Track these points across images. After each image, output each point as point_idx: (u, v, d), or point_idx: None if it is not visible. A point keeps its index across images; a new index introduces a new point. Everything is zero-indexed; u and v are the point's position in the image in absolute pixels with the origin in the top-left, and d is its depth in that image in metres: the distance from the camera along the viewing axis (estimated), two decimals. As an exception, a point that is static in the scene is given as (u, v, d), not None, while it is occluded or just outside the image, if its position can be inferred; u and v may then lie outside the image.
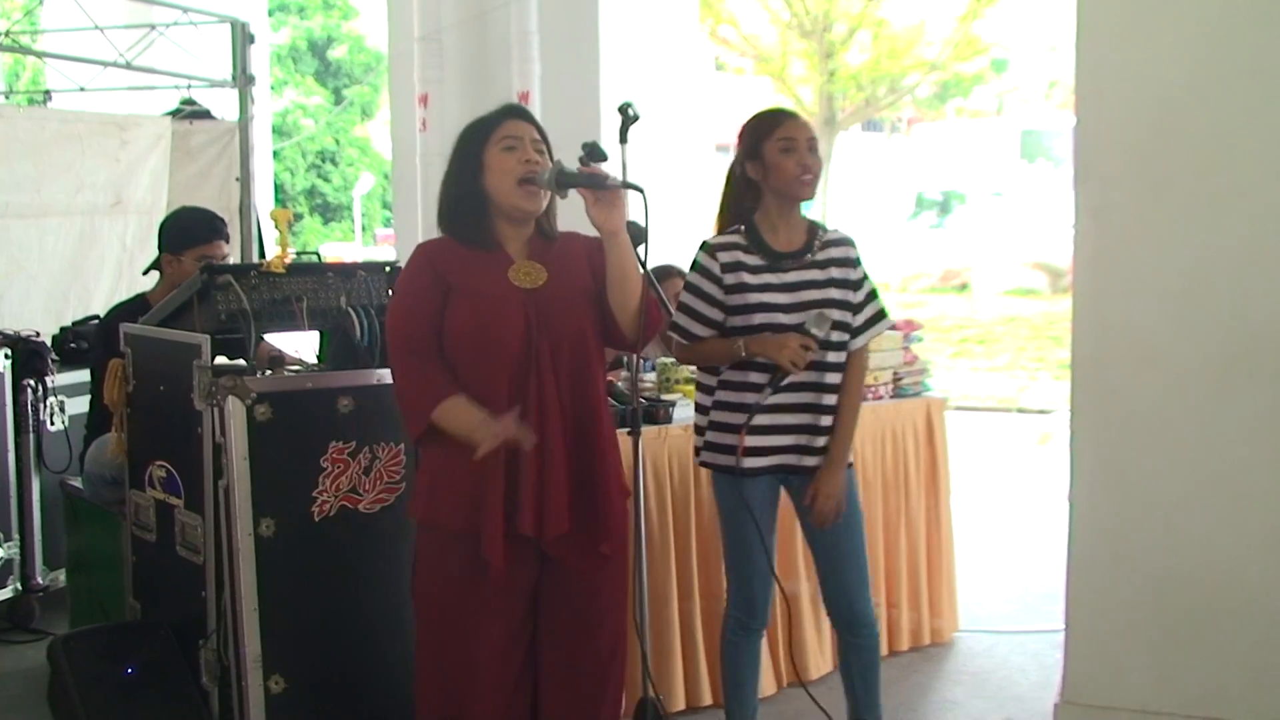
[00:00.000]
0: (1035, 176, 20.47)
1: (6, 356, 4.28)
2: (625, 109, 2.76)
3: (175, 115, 5.96)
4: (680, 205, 5.25)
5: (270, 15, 13.90)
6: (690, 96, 6.03)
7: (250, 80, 5.81)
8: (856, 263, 2.97)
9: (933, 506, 4.19)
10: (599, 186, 2.50)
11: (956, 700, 3.80)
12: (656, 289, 2.74)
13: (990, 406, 10.70)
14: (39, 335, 4.44)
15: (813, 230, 2.97)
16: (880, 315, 3.02)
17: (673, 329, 2.96)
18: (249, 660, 2.87)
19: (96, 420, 3.84)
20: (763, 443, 2.90)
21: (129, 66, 5.61)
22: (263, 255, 5.75)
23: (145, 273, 4.24)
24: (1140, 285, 3.27)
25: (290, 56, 21.31)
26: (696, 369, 3.08)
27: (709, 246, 2.92)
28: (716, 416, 2.94)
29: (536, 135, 2.61)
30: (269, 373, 3.02)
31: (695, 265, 2.94)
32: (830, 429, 2.93)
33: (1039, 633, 4.31)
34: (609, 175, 2.53)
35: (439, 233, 2.66)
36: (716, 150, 6.77)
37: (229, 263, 3.91)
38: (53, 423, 4.37)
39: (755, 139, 2.91)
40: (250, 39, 5.80)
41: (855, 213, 18.17)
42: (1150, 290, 3.26)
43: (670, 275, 4.21)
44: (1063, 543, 3.40)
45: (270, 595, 2.89)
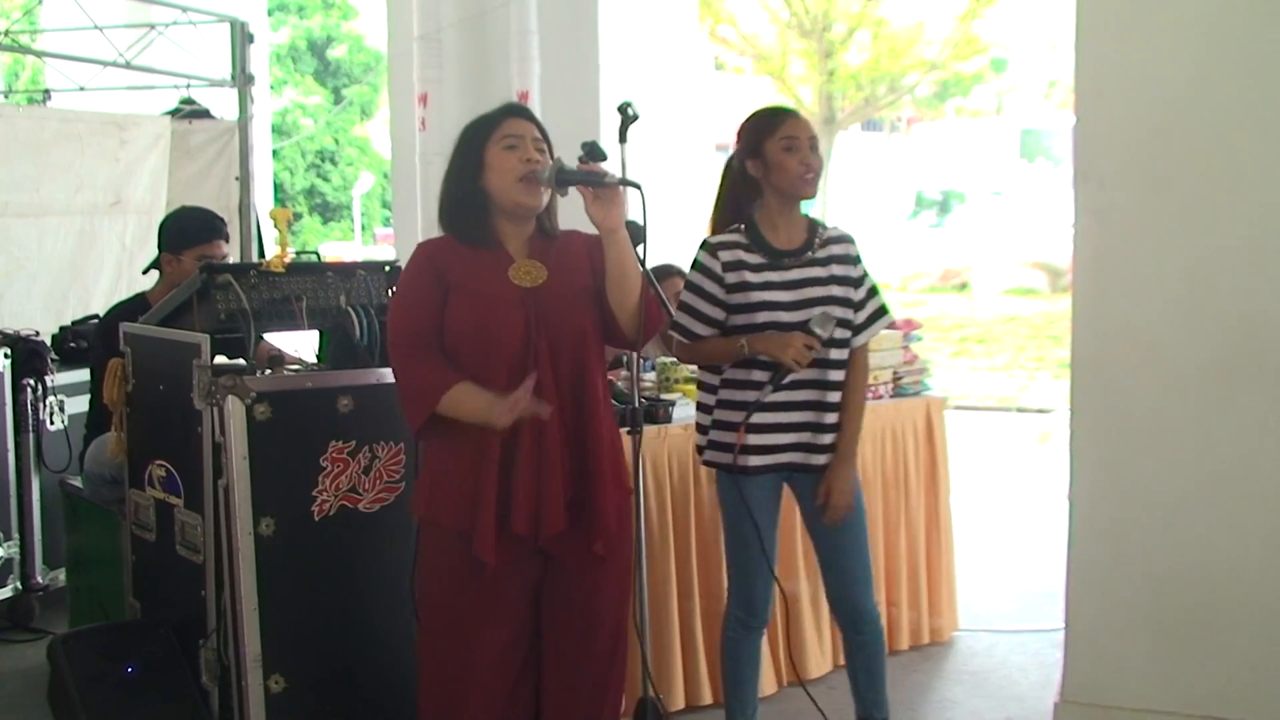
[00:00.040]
0: (1035, 176, 20.47)
1: (6, 356, 4.28)
2: (625, 108, 2.76)
3: (175, 115, 5.96)
4: (680, 204, 5.25)
5: (270, 15, 13.88)
6: (690, 96, 6.02)
7: (250, 80, 5.81)
8: (857, 260, 2.97)
9: (933, 506, 4.19)
10: (597, 184, 2.50)
11: (956, 699, 3.80)
12: (656, 288, 2.74)
13: (990, 406, 10.70)
14: (39, 334, 4.44)
15: (813, 228, 2.97)
16: (881, 311, 3.02)
17: (674, 328, 2.95)
18: (249, 659, 2.87)
19: (96, 419, 3.84)
20: (768, 441, 2.89)
21: (128, 66, 5.61)
22: (262, 255, 5.75)
23: (145, 272, 4.24)
24: (1140, 285, 3.27)
25: (290, 56, 21.31)
26: (698, 368, 3.07)
27: (710, 245, 2.92)
28: (720, 415, 2.94)
29: (538, 134, 2.61)
30: (269, 372, 3.02)
31: (696, 264, 2.93)
32: (835, 426, 2.93)
33: (1039, 632, 4.31)
34: (607, 173, 2.54)
35: (439, 231, 2.66)
36: (716, 150, 6.76)
37: (228, 262, 3.91)
38: (52, 422, 4.37)
39: (757, 137, 2.91)
40: (250, 38, 5.80)
41: (855, 212, 18.17)
42: (1150, 290, 3.26)
43: (670, 274, 4.21)
44: (1063, 542, 3.40)
45: (270, 595, 2.89)
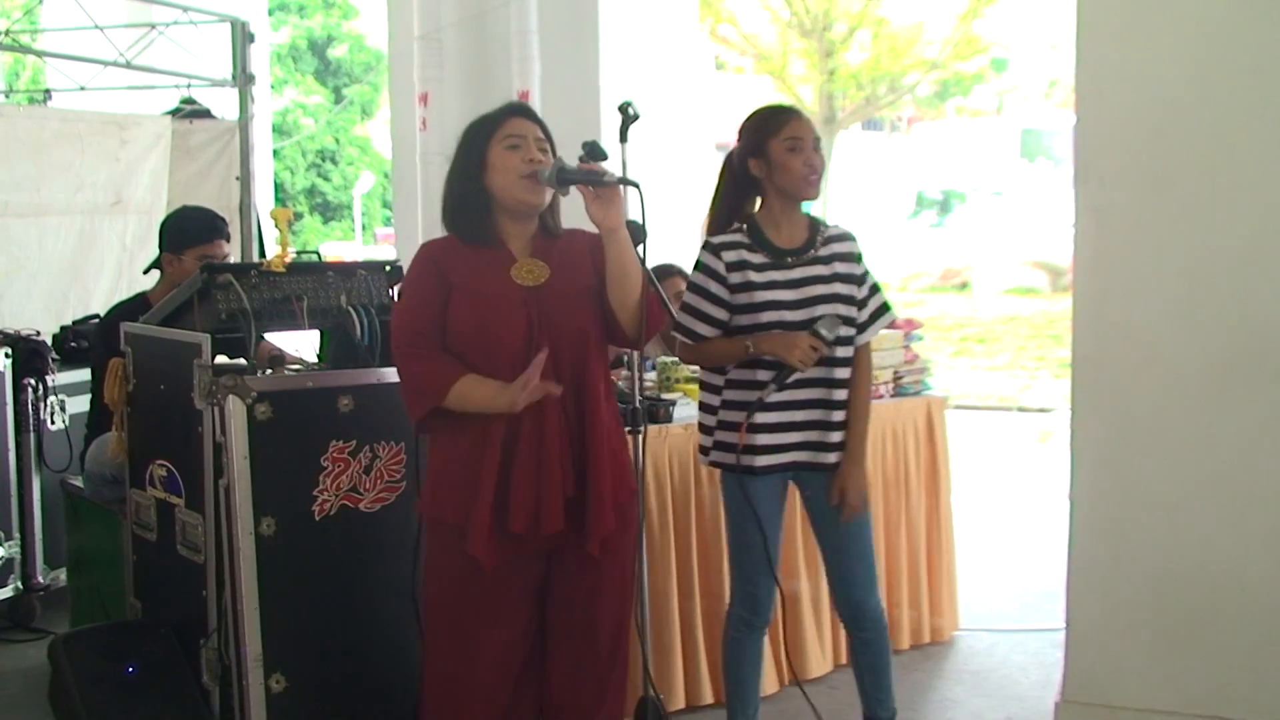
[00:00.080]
0: (1035, 175, 20.49)
1: (7, 355, 4.28)
2: (625, 108, 2.76)
3: (175, 114, 5.96)
4: (680, 204, 5.25)
5: (270, 14, 13.89)
6: (690, 95, 6.02)
7: (250, 79, 5.81)
8: (859, 258, 2.98)
9: (933, 505, 4.19)
10: (597, 183, 2.50)
11: (956, 699, 3.80)
12: (656, 287, 2.74)
13: (990, 405, 10.71)
14: (39, 334, 4.44)
15: (814, 226, 2.97)
16: (884, 309, 3.03)
17: (677, 329, 2.95)
18: (250, 659, 2.87)
19: (97, 419, 3.85)
20: (775, 441, 2.89)
21: (129, 66, 5.61)
22: (263, 254, 5.75)
23: (146, 272, 4.24)
24: (1141, 284, 3.27)
25: (290, 55, 21.32)
26: (701, 369, 3.07)
27: (713, 246, 2.91)
28: (725, 416, 2.93)
29: (540, 134, 2.61)
30: (269, 372, 3.02)
31: (699, 265, 2.93)
32: (842, 424, 2.93)
33: (1039, 631, 4.31)
34: (607, 172, 2.54)
35: (441, 231, 2.66)
36: (716, 149, 6.76)
37: (229, 262, 3.91)
38: (53, 422, 4.37)
39: (760, 136, 2.90)
40: (250, 38, 5.80)
41: (855, 211, 18.17)
42: (1151, 289, 3.26)
43: (670, 274, 4.22)
44: (1063, 542, 3.40)
45: (271, 594, 2.89)
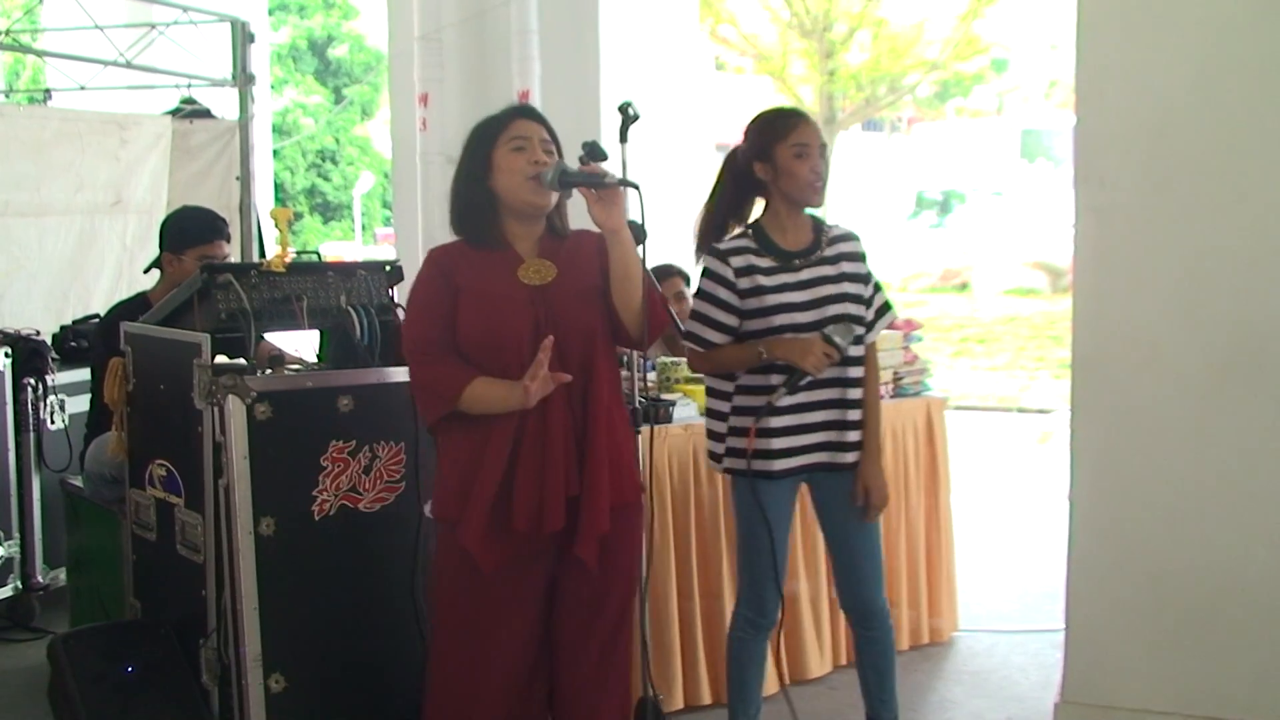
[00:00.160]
0: (1035, 176, 20.49)
1: (7, 355, 4.29)
2: (625, 108, 2.76)
3: (175, 114, 5.96)
4: (680, 204, 5.25)
5: (270, 14, 13.88)
6: (690, 96, 6.02)
7: (250, 79, 5.81)
8: (863, 257, 2.98)
9: (933, 506, 4.19)
10: (597, 185, 2.51)
11: (956, 699, 3.80)
12: (657, 289, 2.74)
13: (990, 406, 10.71)
14: (39, 334, 4.44)
15: (818, 227, 2.97)
16: (887, 307, 3.03)
17: (687, 338, 2.94)
18: (249, 659, 2.87)
19: (97, 419, 3.84)
20: (792, 443, 2.89)
21: (129, 65, 5.61)
22: (263, 254, 5.75)
23: (146, 271, 4.24)
24: (1141, 285, 3.27)
25: (290, 56, 21.32)
26: (707, 375, 3.06)
27: (720, 252, 2.90)
28: (736, 422, 2.92)
29: (545, 135, 2.61)
30: (269, 372, 3.02)
31: (707, 272, 2.91)
32: (858, 423, 2.93)
33: (1039, 632, 4.31)
34: (608, 173, 2.54)
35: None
36: (716, 150, 6.76)
37: (229, 262, 3.91)
38: (53, 421, 4.37)
39: (767, 140, 2.89)
40: (250, 38, 5.80)
41: (856, 212, 18.16)
42: (1151, 290, 3.26)
43: (670, 274, 4.22)
44: (1063, 542, 3.40)
45: (270, 594, 2.89)
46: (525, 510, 2.50)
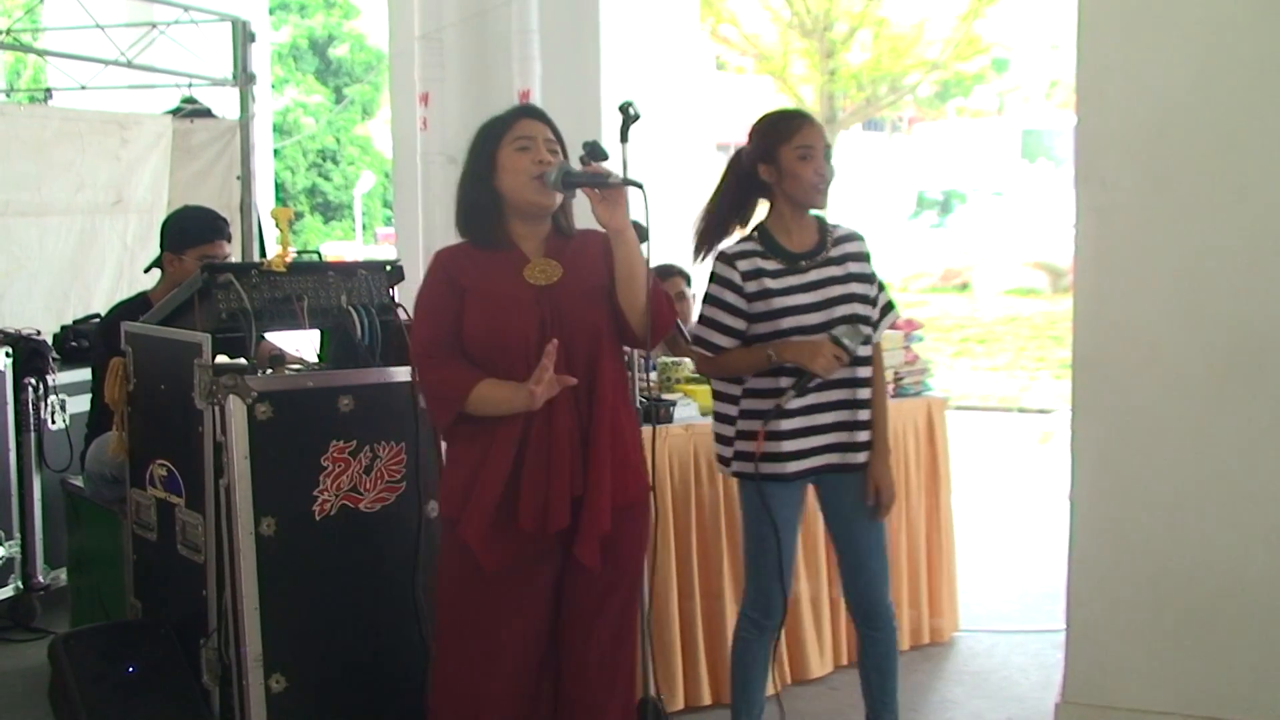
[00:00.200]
0: (1036, 176, 20.48)
1: (7, 355, 4.29)
2: (626, 108, 2.75)
3: (176, 114, 5.96)
4: (681, 204, 5.24)
5: (271, 14, 13.87)
6: (690, 96, 6.01)
7: (251, 79, 5.81)
8: (868, 257, 2.97)
9: (933, 506, 4.19)
10: (601, 185, 2.51)
11: (956, 700, 3.80)
12: (662, 288, 2.73)
13: (991, 406, 10.72)
14: (40, 334, 4.44)
15: (823, 228, 2.97)
16: (890, 306, 3.04)
17: (696, 342, 2.94)
18: (250, 659, 2.87)
19: (97, 419, 3.85)
20: (803, 445, 2.88)
21: (130, 65, 5.60)
22: (263, 254, 5.75)
23: (146, 271, 4.24)
24: (1141, 284, 3.27)
25: (291, 55, 21.32)
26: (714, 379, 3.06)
27: (727, 256, 2.90)
28: (744, 425, 2.91)
29: (550, 135, 2.61)
30: (270, 372, 3.02)
31: (714, 277, 2.91)
32: (868, 423, 2.94)
33: (1039, 632, 4.31)
34: (611, 173, 2.54)
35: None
36: (717, 150, 6.76)
37: (230, 262, 3.91)
38: (54, 421, 4.37)
39: (772, 142, 2.89)
40: (251, 37, 5.80)
41: (856, 212, 18.16)
42: (1151, 289, 3.26)
43: (670, 274, 4.22)
44: (1063, 542, 3.40)
45: (271, 594, 2.89)
46: (531, 509, 2.50)
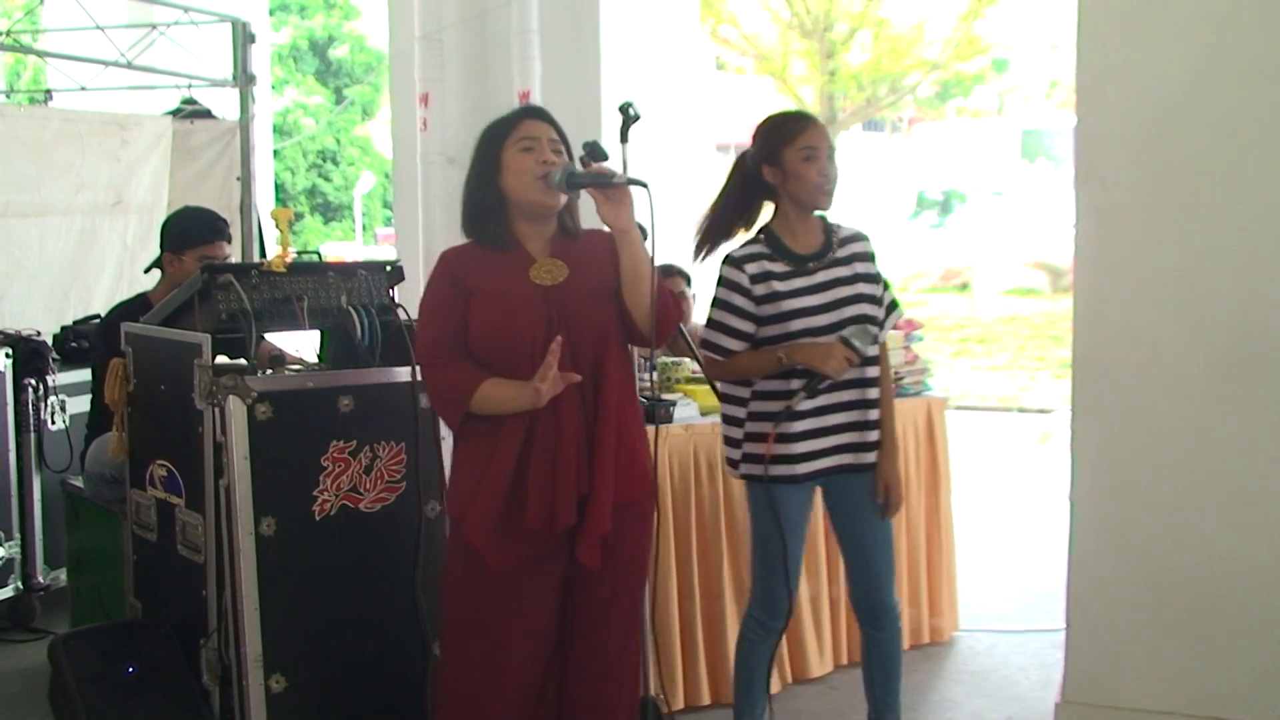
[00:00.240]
0: (1036, 176, 20.47)
1: (7, 356, 4.29)
2: (626, 108, 2.75)
3: (176, 115, 5.96)
4: (680, 204, 5.25)
5: (271, 15, 13.88)
6: (691, 96, 6.02)
7: (251, 80, 5.81)
8: (873, 257, 2.97)
9: (933, 506, 4.19)
10: (605, 185, 2.51)
11: (956, 699, 3.80)
12: (667, 287, 2.73)
13: (991, 406, 10.71)
14: (40, 334, 4.45)
15: (828, 229, 2.96)
16: (894, 305, 3.04)
17: (704, 346, 2.94)
18: (250, 659, 2.87)
19: (97, 419, 3.85)
20: (814, 447, 2.88)
21: (130, 66, 5.61)
22: (263, 254, 5.75)
23: (146, 271, 4.24)
24: (1141, 284, 3.27)
25: (291, 56, 21.32)
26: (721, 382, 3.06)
27: (734, 259, 2.89)
28: (753, 428, 2.91)
29: (554, 135, 2.61)
30: (270, 372, 3.02)
31: (722, 280, 2.91)
32: (878, 423, 2.94)
33: (1039, 632, 4.31)
34: (616, 173, 2.54)
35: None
36: (717, 150, 6.77)
37: (230, 262, 3.91)
38: (54, 422, 4.38)
39: (776, 143, 2.88)
40: (251, 38, 5.80)
41: (856, 212, 18.15)
42: (1151, 289, 3.26)
43: (671, 274, 4.22)
44: (1063, 542, 3.41)
45: (271, 594, 2.89)
46: (538, 509, 2.49)
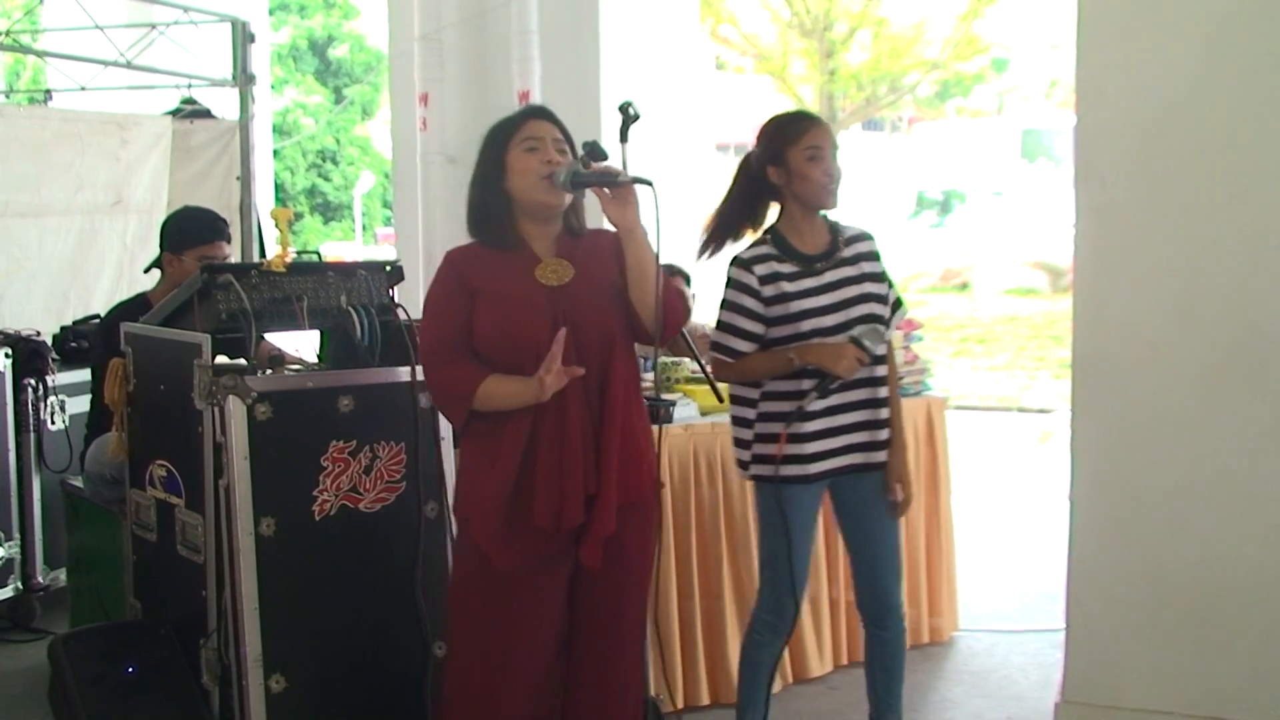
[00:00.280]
0: (1035, 176, 20.47)
1: (7, 356, 4.29)
2: (625, 108, 2.76)
3: (176, 114, 5.96)
4: (680, 204, 5.25)
5: (271, 14, 13.87)
6: (690, 96, 6.02)
7: (251, 79, 5.81)
8: (879, 256, 2.97)
9: (933, 506, 4.19)
10: (610, 184, 2.51)
11: (956, 699, 3.80)
12: (672, 286, 2.73)
13: (991, 406, 10.71)
14: (39, 334, 4.45)
15: (834, 229, 2.96)
16: (899, 303, 3.04)
17: (715, 349, 2.93)
18: (250, 659, 2.87)
19: (97, 419, 3.85)
20: (826, 446, 2.88)
21: (129, 66, 5.61)
22: (263, 254, 5.75)
23: (146, 271, 4.25)
24: (1141, 284, 3.27)
25: (291, 56, 21.32)
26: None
27: (743, 261, 2.89)
28: (763, 428, 2.91)
29: (559, 135, 2.61)
30: (269, 372, 3.02)
31: (730, 282, 2.91)
32: (888, 421, 2.95)
33: (1039, 632, 4.31)
34: (620, 172, 2.54)
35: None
36: (716, 150, 6.77)
37: (229, 262, 3.91)
38: (53, 422, 4.37)
39: (780, 144, 2.88)
40: (251, 38, 5.80)
41: (856, 212, 18.11)
42: (1151, 289, 3.26)
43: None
44: (1063, 542, 3.41)
45: (271, 594, 2.88)
46: (545, 507, 2.49)
